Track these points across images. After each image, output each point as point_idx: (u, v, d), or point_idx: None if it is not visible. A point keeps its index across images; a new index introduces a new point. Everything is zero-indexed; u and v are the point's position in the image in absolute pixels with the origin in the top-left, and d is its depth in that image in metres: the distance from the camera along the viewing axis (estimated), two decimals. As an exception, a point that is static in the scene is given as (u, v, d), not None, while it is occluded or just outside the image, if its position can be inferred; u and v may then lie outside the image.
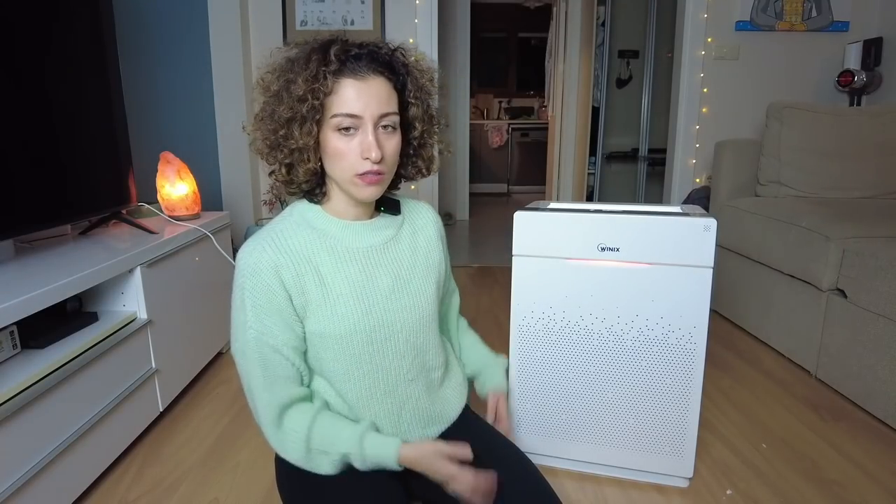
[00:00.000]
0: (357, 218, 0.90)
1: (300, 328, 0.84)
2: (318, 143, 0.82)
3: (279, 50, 0.85)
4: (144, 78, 2.07)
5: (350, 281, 0.86)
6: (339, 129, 0.80)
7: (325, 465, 0.83)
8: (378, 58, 0.81)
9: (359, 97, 0.79)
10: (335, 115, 0.79)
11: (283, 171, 0.84)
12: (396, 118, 0.83)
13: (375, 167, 0.80)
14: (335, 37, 0.83)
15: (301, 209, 0.89)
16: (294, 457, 0.83)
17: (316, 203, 0.89)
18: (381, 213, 0.94)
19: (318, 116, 0.79)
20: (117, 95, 1.57)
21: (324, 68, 0.78)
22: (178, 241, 1.55)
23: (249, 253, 0.82)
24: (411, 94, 0.85)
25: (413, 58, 0.88)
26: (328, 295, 0.84)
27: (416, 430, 0.94)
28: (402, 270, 0.91)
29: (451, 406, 1.00)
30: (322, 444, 0.82)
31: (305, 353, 0.87)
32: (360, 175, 0.81)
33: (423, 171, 0.94)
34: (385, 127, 0.82)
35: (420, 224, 0.98)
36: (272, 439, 0.84)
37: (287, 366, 0.84)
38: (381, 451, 0.81)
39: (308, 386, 0.88)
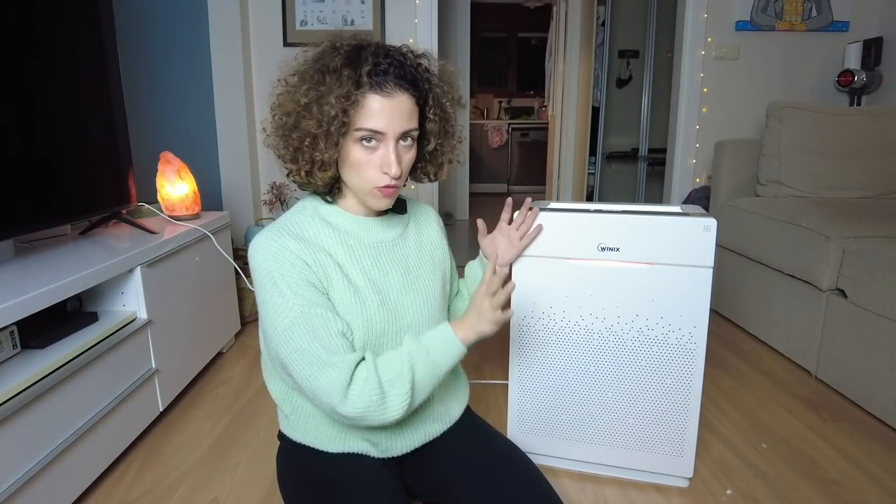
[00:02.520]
0: (367, 215, 0.91)
1: (327, 292, 0.83)
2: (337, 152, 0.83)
3: (304, 52, 0.84)
4: (144, 78, 2.07)
5: (365, 273, 0.87)
6: (361, 141, 0.80)
7: (400, 397, 0.78)
8: (404, 73, 0.81)
9: (383, 113, 0.79)
10: (359, 129, 0.79)
11: (303, 174, 0.84)
12: (416, 133, 0.84)
13: (393, 181, 0.82)
14: (363, 43, 0.82)
15: (314, 204, 0.90)
16: (369, 403, 0.77)
17: (328, 202, 0.90)
18: (389, 212, 0.95)
19: (344, 130, 0.80)
20: (117, 95, 1.57)
21: (356, 91, 0.78)
22: (178, 241, 1.55)
23: (266, 242, 0.81)
24: (430, 111, 0.86)
25: (436, 67, 0.88)
26: (349, 283, 0.84)
27: (417, 425, 0.94)
28: (410, 266, 0.93)
29: (453, 406, 1.00)
30: (390, 374, 0.79)
31: None
32: (379, 188, 0.82)
33: (431, 177, 0.95)
34: (405, 140, 0.83)
35: (423, 222, 1.00)
36: (345, 405, 0.77)
37: (336, 325, 0.80)
38: (445, 350, 0.82)
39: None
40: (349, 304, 0.83)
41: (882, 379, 1.47)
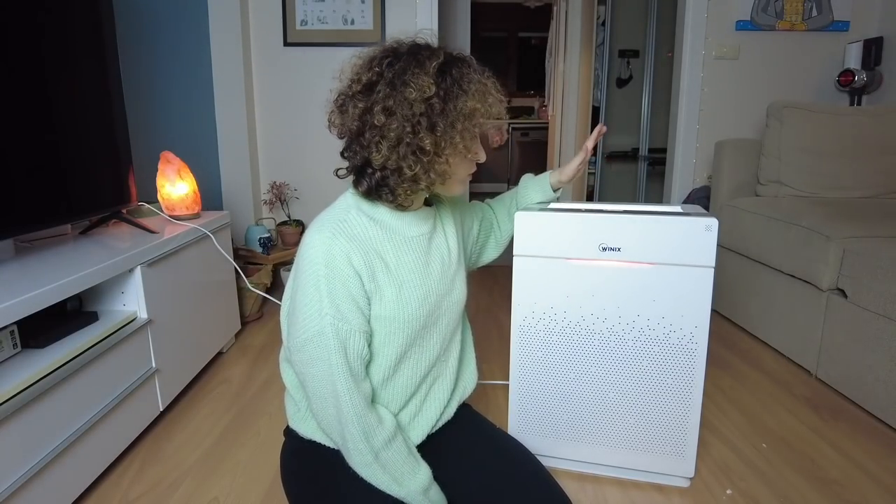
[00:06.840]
0: (405, 210, 0.91)
1: (368, 312, 0.85)
2: None
3: (423, 68, 0.79)
4: (144, 78, 2.07)
5: (410, 268, 0.89)
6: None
7: (373, 478, 0.84)
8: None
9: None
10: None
11: (425, 186, 0.85)
12: None
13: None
14: (441, 48, 0.84)
15: (356, 202, 0.89)
16: (372, 447, 0.83)
17: (373, 199, 0.88)
18: (423, 205, 0.96)
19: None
20: (117, 95, 1.57)
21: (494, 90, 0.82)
22: (178, 241, 1.54)
23: (321, 242, 0.82)
24: None
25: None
26: (394, 281, 0.87)
27: (440, 402, 0.99)
28: (444, 257, 0.96)
29: (469, 378, 1.08)
30: (393, 464, 0.84)
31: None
32: (470, 174, 0.89)
33: None
34: None
35: (444, 215, 1.01)
36: (356, 424, 0.82)
37: (363, 349, 0.84)
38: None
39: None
40: (393, 303, 0.86)
41: (882, 379, 1.47)
